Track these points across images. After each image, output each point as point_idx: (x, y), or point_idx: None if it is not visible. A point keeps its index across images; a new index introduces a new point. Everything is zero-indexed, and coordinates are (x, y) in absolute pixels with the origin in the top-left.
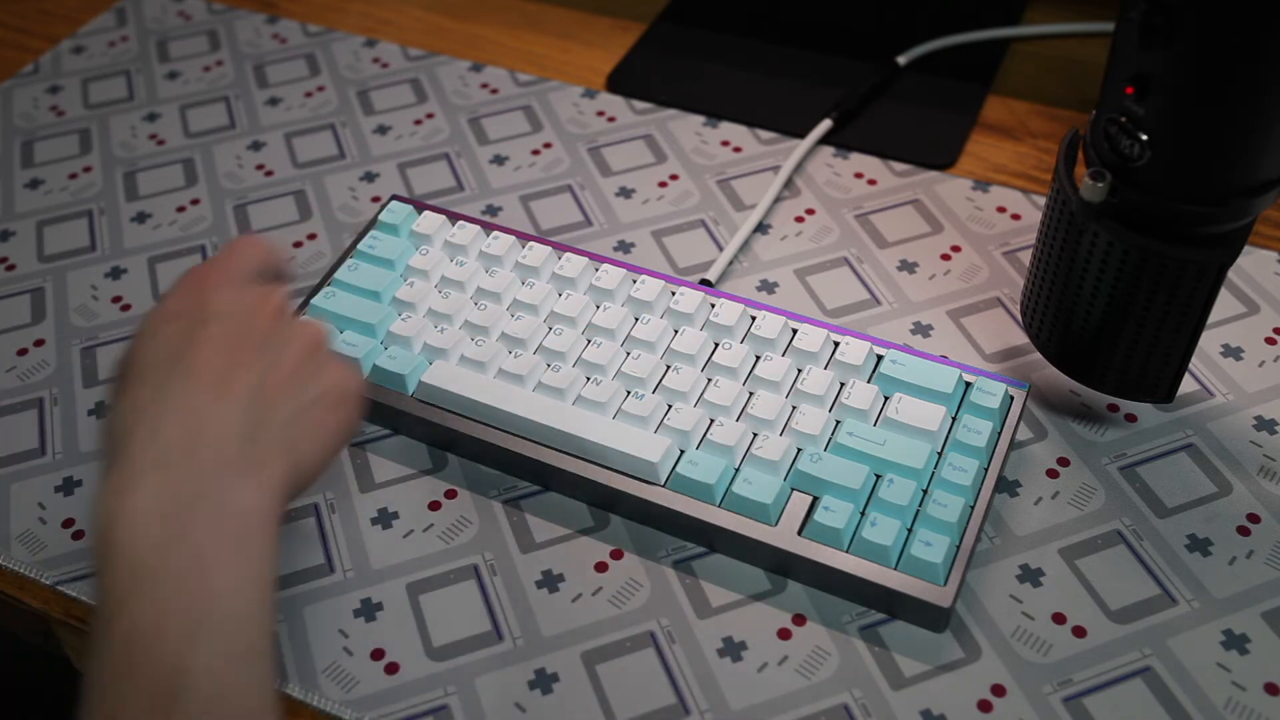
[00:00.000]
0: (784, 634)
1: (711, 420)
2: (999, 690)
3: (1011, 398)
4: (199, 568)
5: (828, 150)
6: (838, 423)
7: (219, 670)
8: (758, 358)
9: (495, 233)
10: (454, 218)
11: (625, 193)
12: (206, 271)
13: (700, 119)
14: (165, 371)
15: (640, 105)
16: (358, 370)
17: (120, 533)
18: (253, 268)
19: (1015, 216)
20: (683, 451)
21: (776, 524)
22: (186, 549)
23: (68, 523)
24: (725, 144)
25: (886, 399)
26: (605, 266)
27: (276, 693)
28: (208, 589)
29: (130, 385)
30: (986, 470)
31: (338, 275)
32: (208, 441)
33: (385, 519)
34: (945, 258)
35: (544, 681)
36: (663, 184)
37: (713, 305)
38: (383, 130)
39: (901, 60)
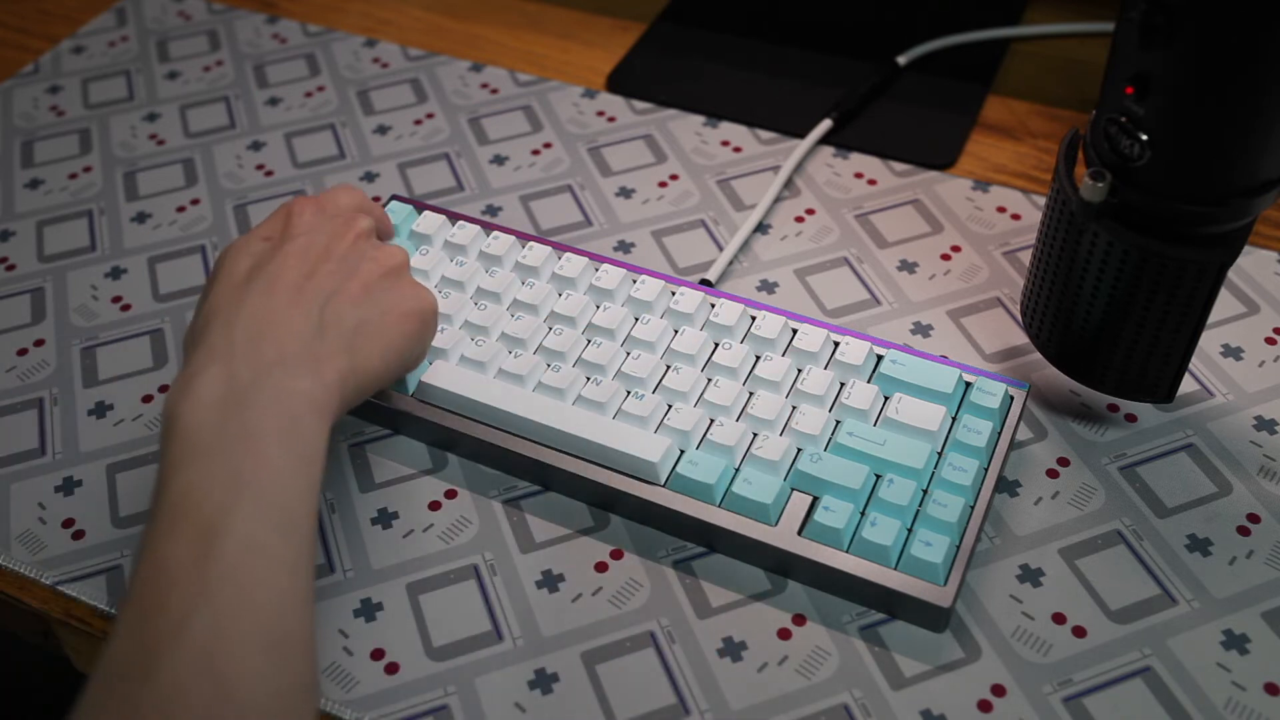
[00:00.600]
0: (784, 634)
1: (711, 420)
2: (999, 690)
3: (1011, 398)
4: (248, 440)
5: (828, 150)
6: (838, 423)
7: (257, 525)
8: (758, 358)
9: (495, 233)
10: (454, 218)
11: (625, 193)
12: (299, 202)
13: (700, 119)
14: (247, 278)
15: (640, 105)
16: (433, 295)
17: (182, 415)
18: (344, 208)
19: (1015, 216)
20: (683, 451)
21: (776, 524)
22: (238, 426)
23: (68, 523)
24: (725, 144)
25: (886, 399)
26: (605, 266)
27: (315, 558)
28: (254, 457)
29: (214, 289)
30: (986, 470)
31: None
32: (273, 339)
33: (385, 519)
34: (945, 258)
35: (544, 681)
36: (663, 184)
37: (713, 305)
38: (383, 130)
39: (901, 60)
